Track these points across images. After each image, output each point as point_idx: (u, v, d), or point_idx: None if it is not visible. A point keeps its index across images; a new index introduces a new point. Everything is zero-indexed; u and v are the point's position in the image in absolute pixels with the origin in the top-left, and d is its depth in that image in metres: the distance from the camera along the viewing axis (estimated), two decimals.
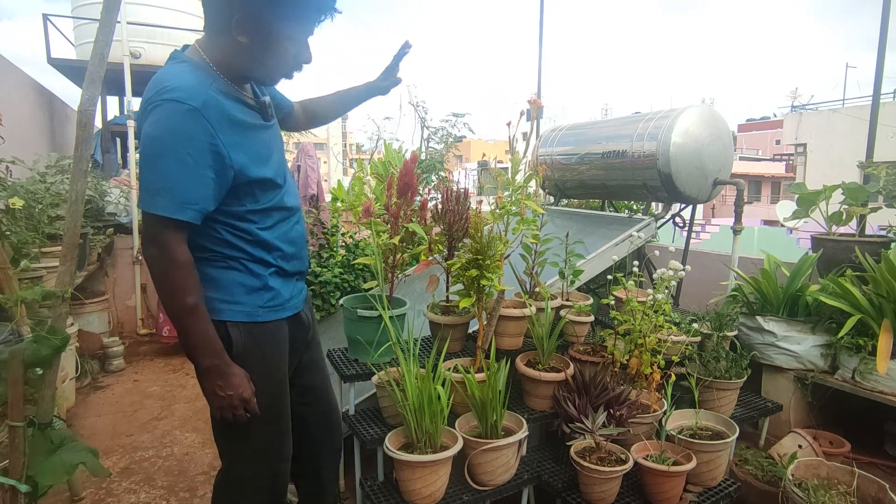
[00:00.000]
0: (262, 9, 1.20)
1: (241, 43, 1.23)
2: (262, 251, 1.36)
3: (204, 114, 1.18)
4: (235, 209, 1.30)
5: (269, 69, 1.30)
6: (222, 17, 1.22)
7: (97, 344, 3.96)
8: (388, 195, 2.58)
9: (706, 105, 3.60)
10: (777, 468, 2.20)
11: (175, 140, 1.16)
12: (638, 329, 2.14)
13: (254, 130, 1.32)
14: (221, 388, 1.28)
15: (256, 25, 1.21)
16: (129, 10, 4.62)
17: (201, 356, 1.26)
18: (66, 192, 2.59)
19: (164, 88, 1.18)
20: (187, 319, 1.23)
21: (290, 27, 1.25)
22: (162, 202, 1.17)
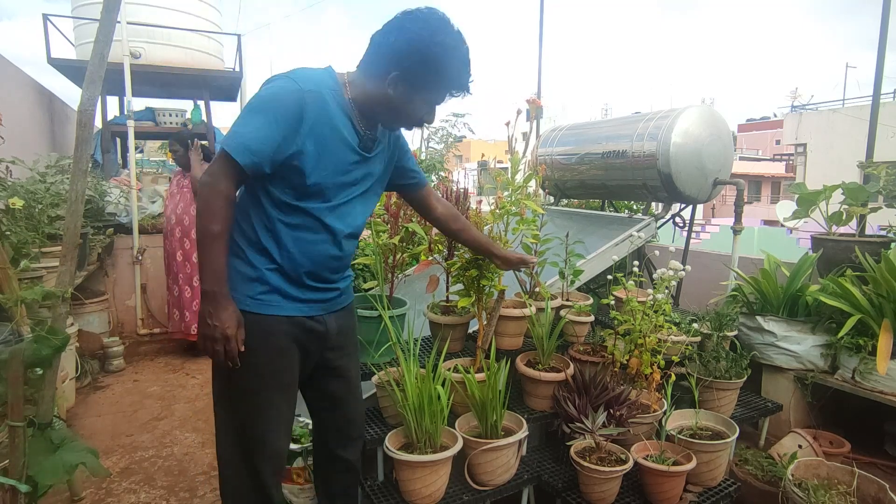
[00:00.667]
0: (421, 77, 1.39)
1: (388, 94, 1.40)
2: (271, 242, 1.41)
3: (306, 97, 1.33)
4: (276, 191, 1.40)
5: (397, 120, 1.48)
6: (383, 68, 1.39)
7: (97, 344, 3.96)
8: (388, 195, 2.58)
9: (706, 105, 3.60)
10: (777, 468, 2.20)
11: (271, 103, 1.33)
12: (638, 329, 2.14)
13: (344, 146, 1.42)
14: (211, 315, 1.34)
15: (408, 87, 1.40)
16: (129, 10, 4.62)
17: (205, 280, 1.35)
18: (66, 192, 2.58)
19: (293, 72, 1.38)
20: (207, 244, 1.34)
21: (432, 96, 1.45)
22: (232, 141, 1.32)
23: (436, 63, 1.37)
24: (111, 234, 4.45)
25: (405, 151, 1.68)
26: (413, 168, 1.71)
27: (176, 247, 4.14)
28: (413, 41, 1.35)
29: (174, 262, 4.15)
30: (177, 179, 4.24)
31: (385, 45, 1.39)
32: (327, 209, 1.44)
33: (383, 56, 1.39)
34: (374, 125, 1.48)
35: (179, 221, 4.11)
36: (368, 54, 1.43)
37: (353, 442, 1.72)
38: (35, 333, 1.50)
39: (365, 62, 1.44)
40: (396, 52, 1.36)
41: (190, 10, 5.27)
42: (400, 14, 1.39)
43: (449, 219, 1.83)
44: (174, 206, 4.15)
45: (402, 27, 1.37)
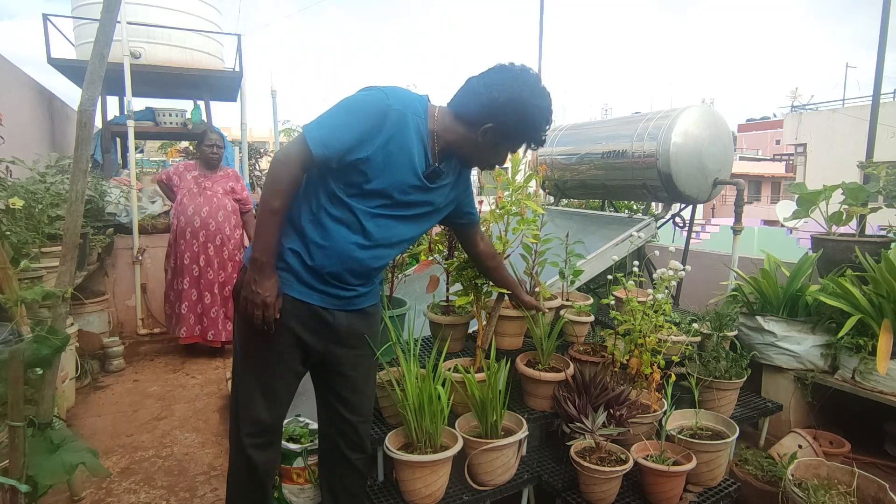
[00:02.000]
0: (513, 133, 1.52)
1: (476, 139, 1.51)
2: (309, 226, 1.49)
3: (390, 112, 1.43)
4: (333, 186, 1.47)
5: (476, 161, 1.62)
6: (480, 117, 1.49)
7: (97, 344, 3.95)
8: None
9: (706, 105, 3.60)
10: (777, 468, 2.20)
11: (361, 107, 1.43)
12: (638, 329, 2.14)
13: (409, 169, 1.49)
14: (256, 282, 1.44)
15: (498, 138, 1.51)
16: (129, 10, 4.62)
17: (257, 248, 1.45)
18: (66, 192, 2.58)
19: (389, 88, 1.47)
20: (265, 218, 1.44)
21: (516, 146, 1.58)
22: (313, 131, 1.42)
23: (531, 123, 1.51)
24: (111, 234, 4.45)
25: (469, 194, 1.77)
26: (470, 210, 1.81)
27: (198, 252, 3.94)
28: (514, 100, 1.46)
29: (195, 267, 3.96)
30: (194, 177, 4.01)
31: (485, 97, 1.48)
32: (370, 213, 1.50)
33: (482, 107, 1.48)
34: (447, 159, 1.57)
35: (204, 225, 3.93)
36: (464, 98, 1.52)
37: (360, 443, 1.72)
38: (35, 333, 1.50)
39: (459, 104, 1.53)
40: (496, 107, 1.47)
41: (190, 10, 5.27)
42: (500, 68, 1.51)
43: (487, 257, 1.96)
44: (197, 208, 3.93)
45: (505, 84, 1.47)
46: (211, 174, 4.05)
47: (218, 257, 4.00)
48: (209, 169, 4.06)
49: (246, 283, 1.46)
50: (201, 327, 4.02)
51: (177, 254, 3.99)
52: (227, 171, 4.17)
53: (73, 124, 1.57)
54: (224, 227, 4.00)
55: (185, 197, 3.98)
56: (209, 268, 3.99)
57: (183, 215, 3.94)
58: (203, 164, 4.08)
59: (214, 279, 4.00)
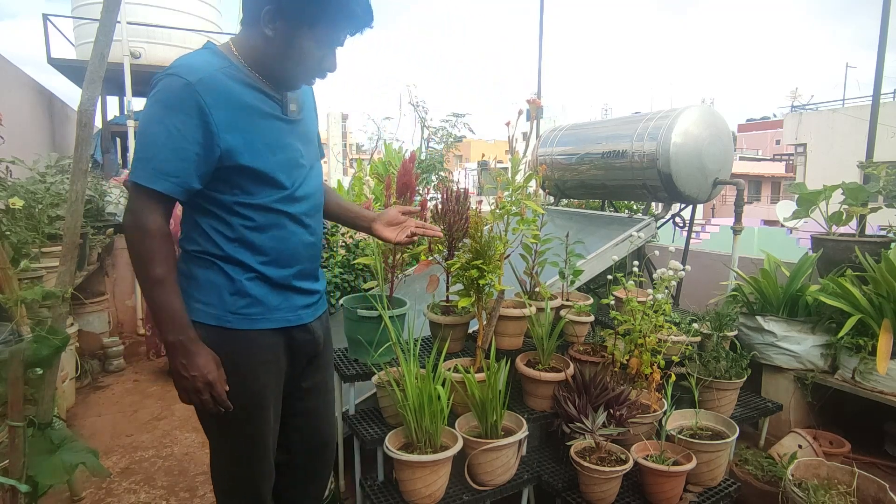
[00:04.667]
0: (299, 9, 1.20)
1: (268, 37, 1.22)
2: (243, 251, 1.28)
3: (198, 88, 1.16)
4: (225, 198, 1.25)
5: (290, 68, 1.27)
6: (255, 7, 1.21)
7: (97, 344, 3.95)
8: (388, 195, 2.58)
9: (706, 105, 3.60)
10: (777, 468, 2.20)
11: (164, 111, 1.17)
12: (638, 329, 2.14)
13: (266, 119, 1.27)
14: (185, 367, 1.22)
15: (283, 20, 1.20)
16: (129, 10, 4.62)
17: (166, 331, 1.22)
18: (66, 192, 2.58)
19: (170, 66, 1.20)
20: (154, 290, 1.20)
21: (319, 31, 1.23)
22: (140, 171, 1.17)
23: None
24: (111, 234, 4.45)
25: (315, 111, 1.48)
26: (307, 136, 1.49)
27: None
28: None
29: None
30: None
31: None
32: (288, 197, 1.30)
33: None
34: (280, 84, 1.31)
35: None
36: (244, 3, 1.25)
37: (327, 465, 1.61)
38: (35, 333, 1.50)
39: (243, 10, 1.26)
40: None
41: (190, 10, 5.28)
42: None
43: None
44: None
45: None
46: None
47: None
48: None
49: (175, 372, 1.24)
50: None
51: None
52: None
53: (73, 124, 1.57)
54: None
55: None
56: None
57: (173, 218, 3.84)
58: None
59: None
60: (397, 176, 2.48)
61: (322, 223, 1.47)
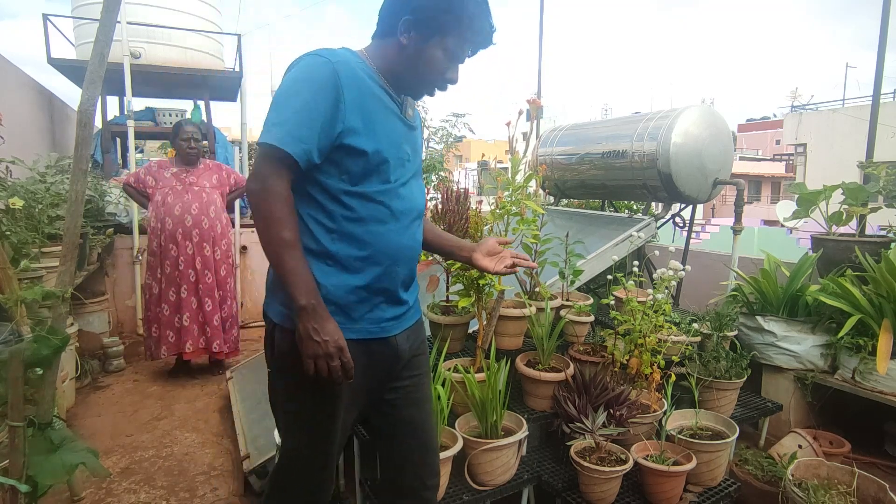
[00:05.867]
0: (435, 15, 1.28)
1: (402, 45, 1.30)
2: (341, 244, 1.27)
3: (338, 68, 1.22)
4: (331, 183, 1.26)
5: (418, 76, 1.34)
6: (393, 18, 1.30)
7: (97, 344, 3.95)
8: None
9: (706, 105, 3.60)
10: (777, 468, 2.20)
11: (301, 83, 1.22)
12: (638, 329, 2.14)
13: (388, 113, 1.32)
14: (316, 331, 1.19)
15: (417, 29, 1.29)
16: (129, 10, 4.62)
17: (298, 294, 1.19)
18: (66, 192, 2.58)
19: (315, 50, 1.27)
20: (285, 254, 1.19)
21: (449, 41, 1.31)
22: (273, 133, 1.19)
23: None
24: (111, 234, 4.45)
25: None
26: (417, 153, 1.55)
27: (193, 254, 3.61)
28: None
29: (191, 272, 3.62)
30: (174, 174, 3.64)
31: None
32: (391, 191, 1.31)
33: (394, 4, 1.31)
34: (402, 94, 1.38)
35: (196, 223, 3.60)
36: (379, 16, 1.35)
37: (433, 477, 1.52)
38: (35, 333, 1.50)
39: (377, 26, 1.36)
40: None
41: (190, 10, 5.28)
42: None
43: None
44: (185, 206, 3.59)
45: None
46: (192, 169, 3.69)
47: (213, 258, 3.71)
48: (188, 165, 3.69)
49: (304, 337, 1.19)
50: (205, 338, 3.69)
51: (168, 261, 3.61)
52: (207, 163, 3.81)
53: (73, 124, 1.57)
54: (216, 225, 3.69)
55: (169, 195, 3.59)
56: (206, 270, 3.66)
57: (170, 216, 3.55)
58: (181, 160, 3.68)
59: (213, 283, 3.69)
60: None
61: (421, 234, 1.46)
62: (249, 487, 2.43)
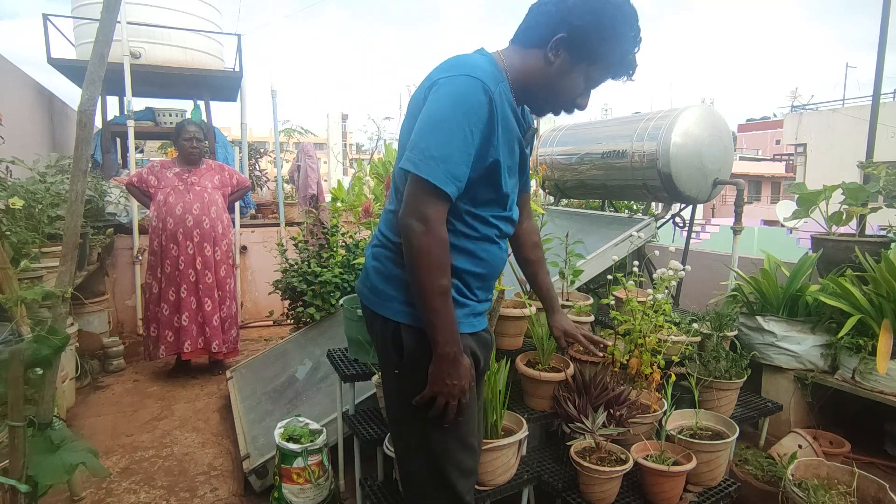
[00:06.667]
0: (589, 41, 1.25)
1: (548, 62, 1.28)
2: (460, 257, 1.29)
3: (494, 98, 1.20)
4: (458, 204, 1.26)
5: (553, 96, 1.33)
6: (546, 31, 1.26)
7: (97, 344, 3.95)
8: (388, 195, 2.58)
9: (706, 105, 3.60)
10: (777, 468, 2.20)
11: (466, 112, 1.17)
12: (638, 329, 2.14)
13: (517, 143, 1.32)
14: (451, 375, 1.23)
15: (572, 54, 1.26)
16: (129, 10, 4.62)
17: (444, 342, 1.22)
18: (66, 192, 2.58)
19: (467, 65, 1.21)
20: (439, 301, 1.20)
21: (594, 70, 1.30)
22: (438, 170, 1.16)
23: (610, 26, 1.24)
24: (111, 234, 4.45)
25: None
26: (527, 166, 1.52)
27: (193, 254, 3.63)
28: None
29: (191, 272, 3.63)
30: (177, 174, 3.66)
31: (553, 4, 1.25)
32: (506, 217, 1.36)
33: (549, 16, 1.26)
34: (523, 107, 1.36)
35: (197, 223, 3.62)
36: (527, 21, 1.30)
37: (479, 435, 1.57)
38: (35, 333, 1.50)
39: (523, 30, 1.31)
40: (567, 10, 1.23)
41: (190, 10, 5.28)
42: None
43: (529, 244, 1.65)
44: (187, 206, 3.60)
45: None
46: (194, 169, 3.71)
47: (213, 258, 3.71)
48: (190, 164, 3.71)
49: (437, 378, 1.23)
50: (204, 338, 3.70)
51: (168, 260, 3.62)
52: (210, 163, 3.84)
53: (73, 124, 1.57)
54: (217, 225, 3.71)
55: (171, 195, 3.61)
56: (207, 270, 3.67)
57: (171, 216, 3.58)
58: (182, 160, 3.70)
59: (213, 283, 3.71)
60: None
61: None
62: (249, 487, 2.43)
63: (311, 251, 3.88)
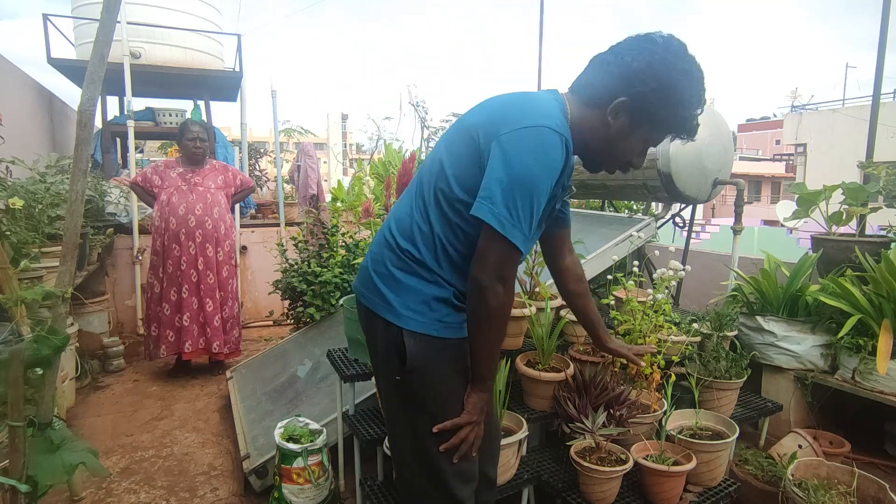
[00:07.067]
0: (652, 107, 1.23)
1: (606, 122, 1.26)
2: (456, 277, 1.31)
3: (567, 152, 1.21)
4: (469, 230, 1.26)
5: (608, 156, 1.34)
6: (609, 91, 1.24)
7: (97, 344, 3.95)
8: (388, 195, 2.59)
9: (706, 105, 3.60)
10: (777, 468, 2.20)
11: (549, 173, 1.18)
12: (638, 329, 2.14)
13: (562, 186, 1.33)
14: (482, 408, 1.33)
15: (633, 117, 1.25)
16: (129, 10, 4.62)
17: (488, 377, 1.32)
18: (66, 192, 2.58)
19: (547, 115, 1.21)
20: (496, 347, 1.29)
21: (654, 133, 1.29)
22: (521, 233, 1.17)
23: (674, 92, 1.21)
24: (111, 234, 4.46)
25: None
26: (563, 208, 1.54)
27: (195, 255, 3.62)
28: (653, 63, 1.19)
29: (192, 272, 3.63)
30: (180, 174, 3.67)
31: (615, 66, 1.23)
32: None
33: (613, 77, 1.23)
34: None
35: (200, 224, 3.62)
36: (591, 75, 1.28)
37: (495, 458, 1.61)
38: (35, 333, 1.50)
39: (585, 84, 1.29)
40: (630, 74, 1.20)
41: (190, 10, 5.28)
42: (635, 36, 1.24)
43: (572, 277, 1.68)
44: (190, 207, 3.60)
45: (641, 48, 1.21)
46: (198, 169, 3.71)
47: (215, 259, 3.69)
48: (194, 165, 3.71)
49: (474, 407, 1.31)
50: (205, 339, 3.70)
51: (170, 260, 3.62)
52: (214, 163, 3.85)
53: (73, 124, 1.57)
54: (220, 226, 3.71)
55: (174, 195, 3.61)
56: (209, 271, 3.67)
57: (174, 216, 3.58)
58: (186, 160, 3.71)
59: (215, 284, 3.70)
60: (397, 176, 2.48)
61: None
62: (249, 487, 2.43)
63: (311, 251, 3.88)
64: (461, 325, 1.33)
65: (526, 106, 1.24)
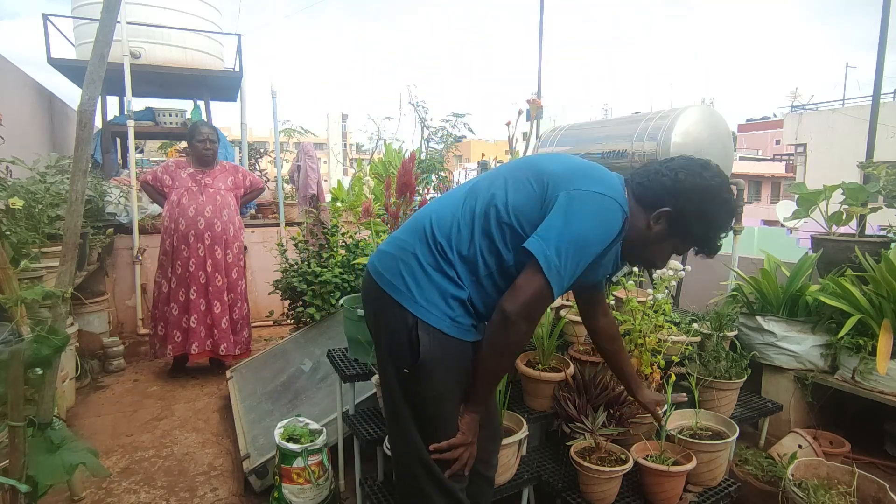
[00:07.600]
0: (689, 223, 1.37)
1: (648, 225, 1.39)
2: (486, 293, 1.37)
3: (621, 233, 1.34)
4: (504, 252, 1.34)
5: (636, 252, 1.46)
6: (657, 200, 1.38)
7: (97, 344, 3.95)
8: (388, 195, 2.59)
9: (706, 105, 3.61)
10: (777, 468, 2.20)
11: (603, 240, 1.30)
12: (638, 329, 2.14)
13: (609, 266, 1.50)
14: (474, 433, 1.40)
15: (670, 227, 1.39)
16: (129, 10, 4.62)
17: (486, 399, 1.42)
18: (66, 192, 2.58)
19: (619, 193, 1.35)
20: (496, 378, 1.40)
21: (684, 244, 1.44)
22: (559, 278, 1.25)
23: (712, 216, 1.36)
24: (111, 234, 4.45)
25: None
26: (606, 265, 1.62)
27: (204, 256, 3.64)
28: (702, 188, 1.34)
29: (201, 274, 3.65)
30: (190, 175, 3.68)
31: (669, 178, 1.37)
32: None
33: (664, 188, 1.37)
34: None
35: (209, 226, 3.63)
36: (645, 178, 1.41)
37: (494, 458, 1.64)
38: (35, 333, 1.50)
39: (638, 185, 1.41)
40: (679, 190, 1.35)
41: (190, 10, 5.28)
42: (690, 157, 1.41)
43: (606, 337, 1.76)
44: (199, 208, 3.62)
45: (694, 171, 1.37)
46: (208, 170, 3.73)
47: (224, 261, 3.72)
48: (204, 166, 3.74)
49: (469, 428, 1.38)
50: (212, 341, 3.70)
51: (179, 261, 3.64)
52: (224, 164, 3.87)
53: (73, 124, 1.57)
54: (229, 228, 3.72)
55: (184, 196, 3.63)
56: (217, 273, 3.68)
57: (183, 217, 3.60)
58: (196, 161, 3.73)
59: (223, 286, 3.71)
60: (397, 176, 2.49)
61: None
62: (249, 487, 2.43)
63: (311, 251, 3.88)
64: (469, 329, 1.38)
65: (604, 176, 1.37)
